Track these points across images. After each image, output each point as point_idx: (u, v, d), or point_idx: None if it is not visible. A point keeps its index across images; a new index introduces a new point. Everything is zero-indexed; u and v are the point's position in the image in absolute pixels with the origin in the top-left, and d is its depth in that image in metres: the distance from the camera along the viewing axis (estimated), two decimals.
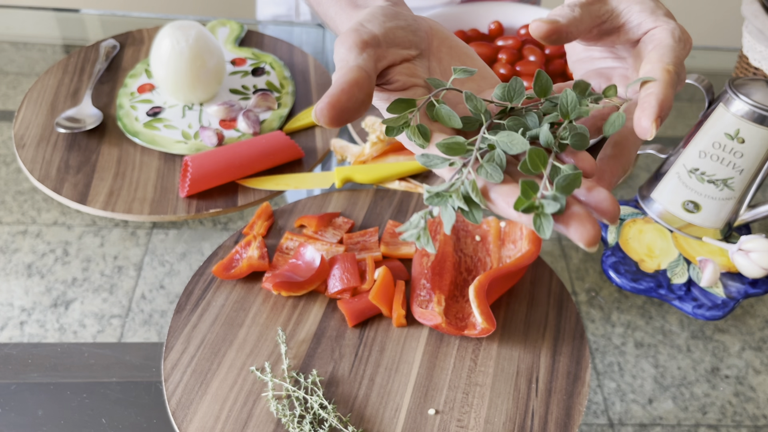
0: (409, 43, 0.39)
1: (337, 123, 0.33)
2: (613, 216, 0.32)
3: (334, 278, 0.64)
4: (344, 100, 0.33)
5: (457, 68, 0.38)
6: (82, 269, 0.71)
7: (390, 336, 0.62)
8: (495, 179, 0.33)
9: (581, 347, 0.62)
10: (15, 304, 0.67)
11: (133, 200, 0.72)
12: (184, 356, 0.60)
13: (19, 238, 0.73)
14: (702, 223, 0.70)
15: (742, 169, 0.67)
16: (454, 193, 0.33)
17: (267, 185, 0.75)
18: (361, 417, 0.56)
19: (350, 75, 0.34)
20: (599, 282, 0.73)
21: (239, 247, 0.67)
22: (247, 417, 0.56)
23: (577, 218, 0.31)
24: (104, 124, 0.81)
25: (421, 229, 0.34)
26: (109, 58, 0.91)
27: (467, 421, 0.56)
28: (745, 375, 0.67)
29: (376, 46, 0.37)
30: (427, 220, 0.34)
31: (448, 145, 0.34)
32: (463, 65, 0.41)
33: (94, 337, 0.65)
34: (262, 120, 0.82)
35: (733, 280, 0.70)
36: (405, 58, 0.39)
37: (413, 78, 0.38)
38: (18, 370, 0.61)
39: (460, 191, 0.33)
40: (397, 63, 0.38)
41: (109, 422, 0.58)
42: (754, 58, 0.85)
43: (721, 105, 0.66)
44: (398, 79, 0.38)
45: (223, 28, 0.96)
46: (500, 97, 0.37)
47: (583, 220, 0.31)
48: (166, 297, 0.69)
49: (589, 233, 0.30)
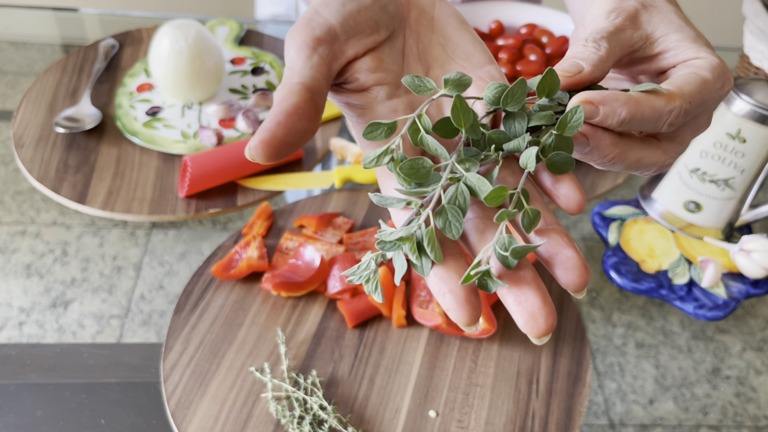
0: (376, 24, 0.32)
1: (276, 159, 0.28)
2: (578, 286, 0.28)
3: (333, 278, 0.64)
4: (281, 135, 0.27)
5: (449, 78, 0.30)
6: (81, 269, 0.70)
7: (390, 336, 0.62)
8: (453, 235, 0.28)
9: (582, 348, 0.62)
10: (14, 304, 0.67)
11: (132, 200, 0.72)
12: (183, 357, 0.59)
13: (18, 238, 0.73)
14: (703, 223, 0.70)
15: (744, 168, 0.67)
16: (408, 241, 0.28)
17: (266, 185, 0.75)
18: (361, 418, 0.56)
19: (290, 100, 0.28)
20: (600, 282, 0.72)
21: (239, 247, 0.67)
22: (246, 418, 0.56)
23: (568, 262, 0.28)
24: (103, 123, 0.81)
25: (371, 273, 0.29)
26: (108, 57, 0.90)
27: (467, 422, 0.56)
28: (747, 375, 0.67)
29: (331, 41, 0.30)
30: (378, 264, 0.29)
31: (411, 168, 0.29)
32: (447, 46, 0.34)
33: (93, 337, 0.65)
34: (261, 119, 0.82)
35: (735, 281, 0.69)
36: (369, 48, 0.32)
37: (377, 73, 0.32)
38: (17, 371, 0.61)
39: (414, 239, 0.28)
40: (360, 55, 0.32)
41: (108, 423, 0.58)
42: (755, 58, 0.85)
43: (723, 105, 0.66)
44: (357, 78, 0.31)
45: (223, 27, 0.96)
46: (492, 101, 0.31)
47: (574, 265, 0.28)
48: (166, 297, 0.68)
49: (579, 279, 0.28)
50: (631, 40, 0.34)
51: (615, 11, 0.34)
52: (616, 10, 0.34)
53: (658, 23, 0.34)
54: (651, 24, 0.34)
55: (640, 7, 0.34)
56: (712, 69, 0.32)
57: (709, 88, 0.32)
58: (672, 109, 0.30)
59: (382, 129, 0.29)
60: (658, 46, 0.34)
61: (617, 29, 0.33)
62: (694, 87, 0.32)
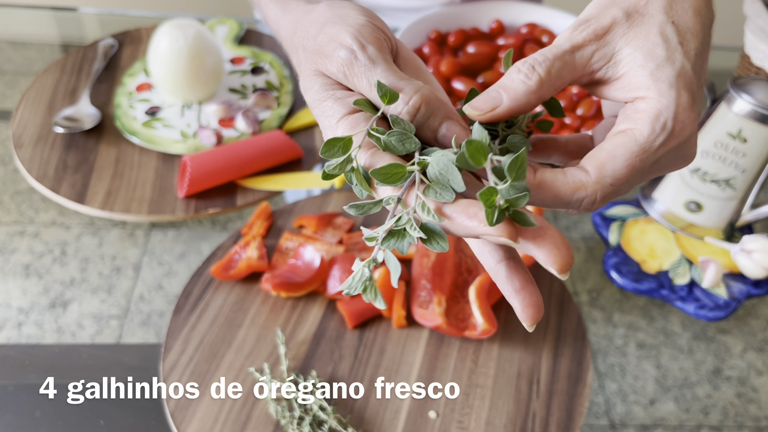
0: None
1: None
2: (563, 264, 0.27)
3: (333, 279, 0.64)
4: None
5: (380, 89, 0.30)
6: (80, 270, 0.70)
7: (390, 337, 0.62)
8: (446, 198, 0.28)
9: (583, 348, 0.62)
10: (13, 304, 0.67)
11: (132, 200, 0.72)
12: (182, 357, 0.59)
13: (17, 238, 0.73)
14: (704, 224, 0.70)
15: (745, 168, 0.66)
16: (407, 224, 0.28)
17: (266, 185, 0.74)
18: (361, 418, 0.56)
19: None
20: (601, 282, 0.72)
21: (238, 247, 0.67)
22: (246, 418, 0.55)
23: (551, 240, 0.27)
24: (102, 123, 0.81)
25: (366, 280, 0.29)
26: (107, 57, 0.90)
27: (468, 423, 0.56)
28: (747, 376, 0.66)
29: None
30: (372, 269, 0.29)
31: (386, 173, 0.29)
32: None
33: (92, 338, 0.65)
34: (261, 119, 0.81)
35: (736, 281, 0.69)
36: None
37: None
38: (16, 371, 0.61)
39: (412, 221, 0.28)
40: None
41: (107, 423, 0.57)
42: (756, 57, 0.84)
43: (724, 104, 0.66)
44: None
45: (222, 26, 0.96)
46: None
47: (557, 243, 0.27)
48: (165, 297, 0.68)
49: (563, 258, 0.26)
50: (589, 61, 0.30)
51: (587, 22, 0.30)
52: (587, 21, 0.30)
53: (632, 38, 0.30)
54: (624, 39, 0.30)
55: (622, 17, 0.30)
56: (655, 117, 0.28)
57: (642, 156, 0.28)
58: (581, 198, 0.28)
59: (338, 146, 0.30)
60: (621, 68, 0.30)
61: (573, 48, 0.30)
62: (619, 164, 0.28)
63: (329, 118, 0.32)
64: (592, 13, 0.31)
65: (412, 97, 0.30)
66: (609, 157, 0.28)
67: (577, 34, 0.30)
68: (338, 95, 0.32)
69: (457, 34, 0.84)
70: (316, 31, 0.34)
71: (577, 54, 0.30)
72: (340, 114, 0.31)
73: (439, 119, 0.30)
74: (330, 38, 0.32)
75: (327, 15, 0.34)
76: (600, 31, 0.30)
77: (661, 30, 0.30)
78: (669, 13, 0.30)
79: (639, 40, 0.29)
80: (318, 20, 0.34)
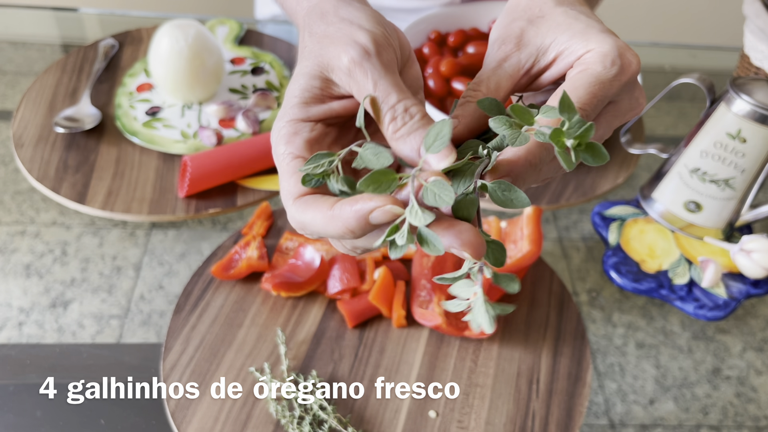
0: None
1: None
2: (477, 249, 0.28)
3: (333, 279, 0.64)
4: None
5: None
6: (80, 269, 0.70)
7: (390, 337, 0.62)
8: (447, 202, 0.27)
9: (582, 348, 0.62)
10: (13, 304, 0.67)
11: (132, 200, 0.72)
12: (183, 357, 0.59)
13: (18, 238, 0.73)
14: (703, 223, 0.70)
15: (744, 168, 0.66)
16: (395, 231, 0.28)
17: (266, 185, 0.75)
18: (361, 418, 0.56)
19: None
20: (600, 282, 0.72)
21: (238, 247, 0.67)
22: (246, 418, 0.56)
23: (459, 226, 0.28)
24: (103, 123, 0.81)
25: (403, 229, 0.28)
26: (108, 57, 0.90)
27: (468, 422, 0.56)
28: (747, 376, 0.67)
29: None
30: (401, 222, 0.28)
31: (374, 179, 0.28)
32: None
33: (92, 337, 0.65)
34: (261, 119, 0.81)
35: (735, 281, 0.69)
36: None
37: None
38: (16, 371, 0.61)
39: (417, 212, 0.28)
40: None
41: (108, 423, 0.58)
42: (755, 58, 0.84)
43: (723, 104, 0.66)
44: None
45: (223, 27, 0.96)
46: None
47: (467, 228, 0.28)
48: (165, 297, 0.68)
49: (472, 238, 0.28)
50: (519, 63, 0.34)
51: (499, 39, 0.34)
52: (500, 38, 0.34)
53: (546, 31, 0.34)
54: (540, 36, 0.34)
55: (527, 24, 0.34)
56: (603, 58, 0.31)
57: (600, 86, 0.31)
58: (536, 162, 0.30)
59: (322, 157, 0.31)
60: (551, 53, 0.34)
61: (500, 62, 0.34)
62: (582, 92, 0.31)
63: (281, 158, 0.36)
64: (500, 34, 0.35)
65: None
66: (571, 89, 0.31)
67: (498, 51, 0.34)
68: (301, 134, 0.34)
69: (457, 34, 0.84)
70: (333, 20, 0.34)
71: (506, 64, 0.34)
72: (292, 156, 0.34)
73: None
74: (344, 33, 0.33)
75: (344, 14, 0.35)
76: (515, 40, 0.34)
77: (566, 14, 0.34)
78: (562, 4, 0.35)
79: (553, 28, 0.34)
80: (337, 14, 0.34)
